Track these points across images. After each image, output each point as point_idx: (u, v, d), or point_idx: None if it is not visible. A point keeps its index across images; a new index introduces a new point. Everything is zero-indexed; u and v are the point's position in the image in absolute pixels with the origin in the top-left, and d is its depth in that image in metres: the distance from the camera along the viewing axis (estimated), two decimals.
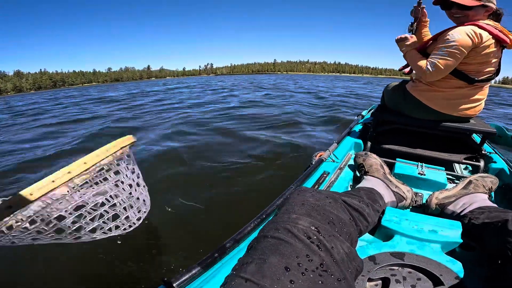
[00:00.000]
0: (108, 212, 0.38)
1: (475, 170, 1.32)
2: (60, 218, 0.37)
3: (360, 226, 0.68)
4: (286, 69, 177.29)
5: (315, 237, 0.45)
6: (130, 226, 0.38)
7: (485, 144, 1.39)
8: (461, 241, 0.72)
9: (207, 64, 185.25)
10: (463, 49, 1.07)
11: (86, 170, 0.31)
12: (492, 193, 1.06)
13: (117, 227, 0.39)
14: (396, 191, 0.93)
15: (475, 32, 1.04)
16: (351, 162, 1.28)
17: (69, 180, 0.29)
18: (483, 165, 1.27)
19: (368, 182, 0.97)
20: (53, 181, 0.31)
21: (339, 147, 1.43)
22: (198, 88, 15.75)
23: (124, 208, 0.39)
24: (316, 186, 1.04)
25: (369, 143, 1.44)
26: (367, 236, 0.82)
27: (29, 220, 0.32)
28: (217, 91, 12.12)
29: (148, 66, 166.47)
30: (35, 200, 0.30)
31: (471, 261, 0.69)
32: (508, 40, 1.07)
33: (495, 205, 0.83)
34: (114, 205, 0.39)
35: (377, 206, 0.79)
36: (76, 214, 0.35)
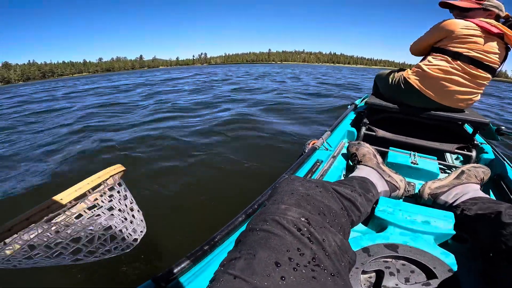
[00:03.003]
0: (104, 235, 0.40)
1: (466, 160, 1.31)
2: (57, 243, 0.39)
3: (352, 217, 0.65)
4: (281, 59, 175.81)
5: (305, 229, 0.42)
6: (127, 247, 0.40)
7: (477, 134, 1.38)
8: (454, 232, 0.70)
9: (201, 53, 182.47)
10: (435, 29, 1.26)
11: (77, 197, 0.33)
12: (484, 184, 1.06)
13: (115, 248, 0.42)
14: (389, 181, 0.91)
15: (455, 21, 1.19)
16: (344, 150, 1.26)
17: (64, 206, 0.31)
18: (475, 155, 1.27)
19: (361, 171, 0.95)
20: (48, 207, 0.32)
21: (332, 135, 1.41)
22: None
23: (120, 231, 0.41)
24: (309, 175, 1.02)
25: (362, 132, 1.43)
26: (360, 226, 0.80)
27: (29, 243, 0.33)
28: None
29: (141, 56, 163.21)
30: (32, 223, 0.31)
31: (464, 254, 0.68)
32: (493, 30, 1.12)
33: (488, 196, 0.81)
34: (110, 227, 0.40)
35: (370, 196, 0.77)
36: (72, 237, 0.37)
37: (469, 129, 1.58)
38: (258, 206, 0.80)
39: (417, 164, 1.10)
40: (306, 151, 1.20)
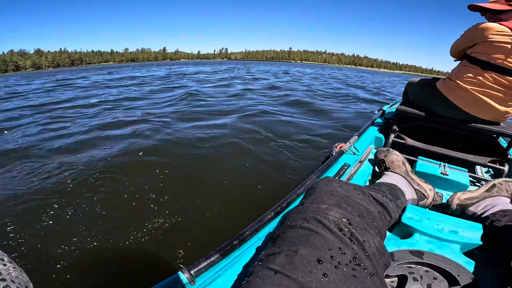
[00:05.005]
0: None
1: (497, 174, 1.28)
2: None
3: (384, 221, 0.67)
4: (301, 58, 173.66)
5: (346, 229, 0.44)
6: None
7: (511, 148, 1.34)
8: (481, 243, 0.71)
9: (222, 48, 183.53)
10: (468, 34, 1.22)
11: None
12: None
13: None
14: (418, 189, 0.92)
15: (489, 26, 1.12)
16: (371, 156, 1.26)
17: None
18: (507, 170, 1.23)
19: (389, 178, 0.95)
20: None
21: (360, 140, 1.41)
22: None
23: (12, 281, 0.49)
24: (337, 178, 1.03)
25: (390, 139, 1.41)
26: None
27: None
28: None
29: (164, 48, 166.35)
30: None
31: (486, 263, 0.69)
32: None
33: None
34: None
35: (399, 203, 0.78)
36: None
37: (503, 142, 1.53)
38: (286, 205, 0.82)
39: (447, 175, 1.09)
40: (334, 154, 1.21)
